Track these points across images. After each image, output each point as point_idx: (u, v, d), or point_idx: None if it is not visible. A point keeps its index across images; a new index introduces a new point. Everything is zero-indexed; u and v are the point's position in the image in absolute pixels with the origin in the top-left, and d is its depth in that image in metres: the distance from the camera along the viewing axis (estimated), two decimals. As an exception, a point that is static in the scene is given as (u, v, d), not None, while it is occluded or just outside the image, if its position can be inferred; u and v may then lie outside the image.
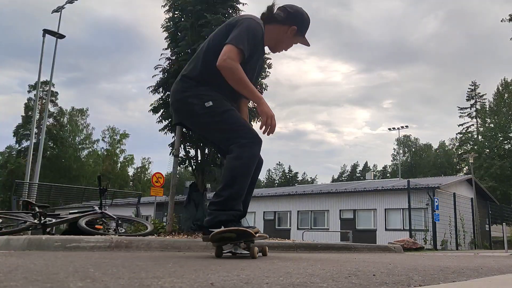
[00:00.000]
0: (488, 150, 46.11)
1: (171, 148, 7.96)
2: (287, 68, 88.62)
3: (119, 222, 5.65)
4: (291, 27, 3.08)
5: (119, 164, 62.40)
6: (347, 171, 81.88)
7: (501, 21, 19.39)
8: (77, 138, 57.29)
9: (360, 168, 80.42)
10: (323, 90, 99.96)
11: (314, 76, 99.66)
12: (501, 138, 46.39)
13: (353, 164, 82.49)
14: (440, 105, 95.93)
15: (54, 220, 5.52)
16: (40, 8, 74.29)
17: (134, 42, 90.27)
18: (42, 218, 5.39)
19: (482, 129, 50.64)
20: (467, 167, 48.09)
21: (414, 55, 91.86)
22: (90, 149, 58.89)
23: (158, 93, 7.89)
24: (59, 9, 20.15)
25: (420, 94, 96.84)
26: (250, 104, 7.78)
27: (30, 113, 48.66)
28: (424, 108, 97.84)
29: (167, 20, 8.00)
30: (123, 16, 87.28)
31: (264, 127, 2.90)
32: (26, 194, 10.76)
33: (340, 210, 24.08)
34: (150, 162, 68.04)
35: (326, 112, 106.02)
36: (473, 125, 54.67)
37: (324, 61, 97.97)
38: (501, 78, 56.32)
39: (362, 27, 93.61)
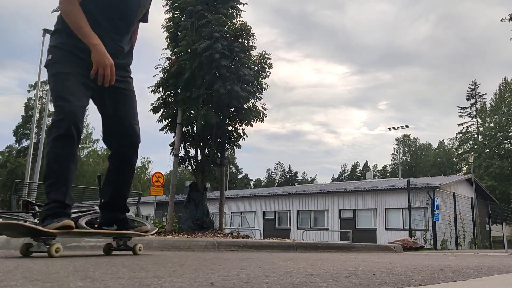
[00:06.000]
0: (488, 150, 46.08)
1: (171, 148, 7.96)
2: (282, 70, 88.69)
3: (119, 221, 5.63)
4: None
5: (119, 164, 62.28)
6: (347, 171, 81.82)
7: (501, 20, 19.27)
8: (77, 137, 57.13)
9: (360, 167, 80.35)
10: (318, 91, 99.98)
11: (309, 78, 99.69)
12: (501, 138, 46.36)
13: (353, 164, 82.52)
14: (436, 106, 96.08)
15: (54, 220, 5.50)
16: (37, 11, 74.18)
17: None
18: (42, 218, 5.37)
19: (482, 128, 50.58)
20: (467, 166, 48.05)
21: (407, 57, 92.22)
22: (90, 149, 58.76)
23: (158, 93, 7.89)
24: (58, 9, 20.11)
25: (415, 95, 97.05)
26: (250, 104, 7.81)
27: (30, 112, 48.56)
28: (420, 109, 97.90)
29: (167, 20, 7.99)
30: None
31: (98, 78, 2.61)
32: (26, 194, 10.74)
33: (340, 210, 24.05)
34: (150, 162, 68.03)
35: (322, 113, 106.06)
36: (473, 124, 54.65)
37: (318, 63, 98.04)
38: (502, 78, 56.38)
39: (356, 30, 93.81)
